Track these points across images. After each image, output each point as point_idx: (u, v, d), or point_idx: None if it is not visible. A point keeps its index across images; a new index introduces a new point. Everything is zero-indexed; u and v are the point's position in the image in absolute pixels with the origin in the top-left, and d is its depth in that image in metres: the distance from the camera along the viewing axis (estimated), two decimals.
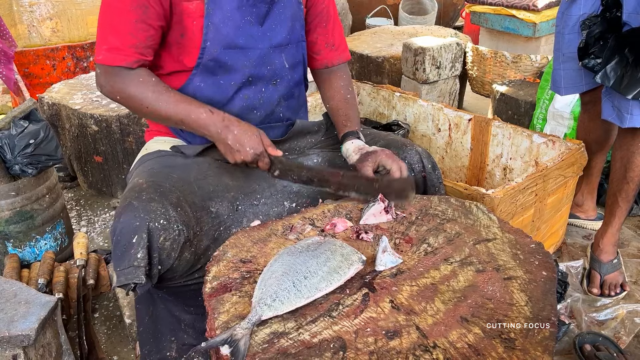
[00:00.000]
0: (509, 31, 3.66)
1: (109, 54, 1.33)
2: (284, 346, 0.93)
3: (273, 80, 1.52)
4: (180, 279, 1.30)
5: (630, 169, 1.85)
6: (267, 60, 1.48)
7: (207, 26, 1.37)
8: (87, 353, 1.73)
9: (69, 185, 2.95)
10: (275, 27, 1.48)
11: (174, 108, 1.36)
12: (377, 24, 5.16)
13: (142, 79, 1.36)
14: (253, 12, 1.43)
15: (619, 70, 1.73)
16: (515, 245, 1.21)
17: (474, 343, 0.93)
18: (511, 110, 2.96)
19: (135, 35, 1.33)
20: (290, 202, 1.49)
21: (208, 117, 1.36)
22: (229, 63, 1.42)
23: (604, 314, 1.87)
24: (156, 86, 1.37)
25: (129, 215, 1.18)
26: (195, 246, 1.29)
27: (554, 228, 2.11)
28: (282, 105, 1.57)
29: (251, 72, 1.46)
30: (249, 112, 1.50)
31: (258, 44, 1.45)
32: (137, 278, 1.14)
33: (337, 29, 1.66)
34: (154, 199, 1.22)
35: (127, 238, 1.16)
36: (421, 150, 1.58)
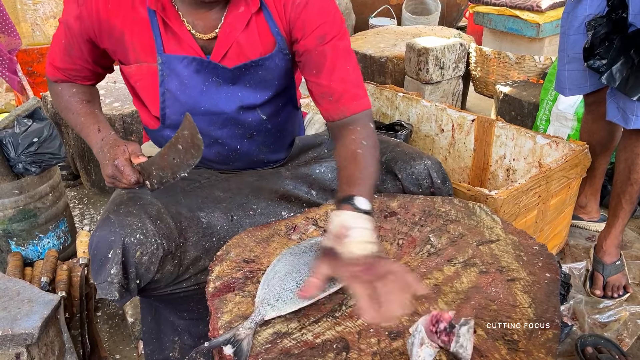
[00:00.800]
0: (513, 32, 3.65)
1: (47, 66, 1.41)
2: (286, 346, 0.93)
3: (247, 135, 1.38)
4: (165, 288, 1.28)
5: (635, 170, 1.84)
6: (236, 121, 1.34)
7: (163, 93, 1.29)
8: (90, 352, 1.73)
9: (72, 183, 2.96)
10: (250, 87, 1.31)
11: (75, 120, 1.35)
12: (380, 24, 5.16)
13: (62, 87, 1.40)
14: (218, 74, 1.27)
15: (625, 71, 1.73)
16: (518, 246, 1.21)
17: (477, 344, 0.93)
18: (514, 111, 2.96)
19: (63, 60, 1.36)
20: (288, 212, 1.42)
21: (93, 136, 1.29)
22: None
23: (606, 315, 1.87)
24: (71, 96, 1.38)
25: (105, 230, 1.18)
26: (179, 258, 1.26)
27: (557, 229, 2.11)
28: (264, 152, 1.45)
29: (218, 135, 1.35)
30: (225, 164, 1.44)
31: (224, 109, 1.31)
32: (111, 294, 1.14)
33: (339, 77, 1.26)
34: (131, 213, 1.20)
35: (102, 252, 1.16)
36: (431, 162, 1.45)
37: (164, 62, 1.25)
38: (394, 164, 1.46)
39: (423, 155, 1.48)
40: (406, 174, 1.45)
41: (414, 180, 1.45)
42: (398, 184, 1.46)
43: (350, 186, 1.11)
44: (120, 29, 1.25)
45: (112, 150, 1.21)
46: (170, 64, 1.25)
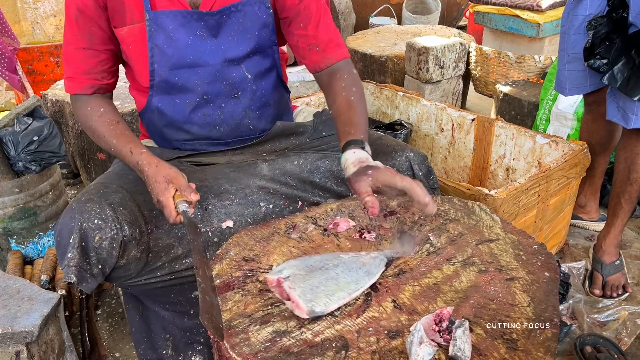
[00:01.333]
0: (513, 31, 3.65)
1: (67, 82, 1.41)
2: (286, 345, 0.94)
3: (233, 94, 1.43)
4: (138, 277, 1.30)
5: (634, 170, 1.85)
6: (221, 75, 1.40)
7: (151, 49, 1.35)
8: (90, 350, 1.73)
9: (72, 182, 2.96)
10: (232, 39, 1.38)
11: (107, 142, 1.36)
12: (380, 23, 5.16)
13: (90, 107, 1.39)
14: (202, 26, 1.35)
15: (626, 71, 1.73)
16: (517, 245, 1.21)
17: (476, 343, 0.93)
18: (514, 110, 2.96)
19: (85, 62, 1.38)
20: (267, 203, 1.42)
21: (128, 159, 1.31)
22: (179, 83, 1.39)
23: (605, 315, 1.87)
24: (101, 117, 1.38)
25: (66, 217, 1.23)
26: (146, 244, 1.28)
27: (557, 229, 2.11)
28: (250, 117, 1.49)
29: (205, 90, 1.40)
30: (210, 128, 1.46)
31: (208, 61, 1.37)
32: (68, 277, 1.18)
33: (323, 28, 1.44)
34: (91, 200, 1.24)
35: (64, 238, 1.21)
36: (413, 155, 1.46)
37: (151, 18, 1.33)
38: (375, 157, 1.43)
39: (406, 147, 1.49)
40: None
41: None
42: None
43: (356, 130, 1.28)
44: None
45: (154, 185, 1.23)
46: (157, 20, 1.33)
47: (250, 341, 0.95)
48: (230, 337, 0.96)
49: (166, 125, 1.47)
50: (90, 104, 1.40)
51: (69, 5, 1.34)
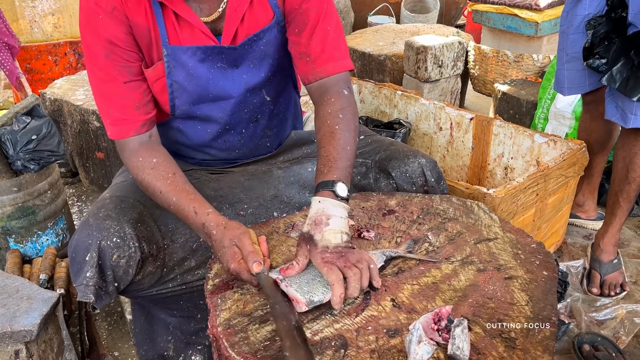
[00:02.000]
0: (511, 30, 3.66)
1: (115, 127, 1.26)
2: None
3: (253, 119, 1.40)
4: (150, 289, 1.29)
5: (632, 169, 1.85)
6: (243, 104, 1.36)
7: (170, 85, 1.28)
8: (89, 349, 1.73)
9: (70, 181, 2.96)
10: (254, 67, 1.33)
11: (166, 199, 1.21)
12: (379, 22, 5.16)
13: (142, 158, 1.25)
14: (223, 59, 1.28)
15: (625, 72, 1.73)
16: (516, 244, 1.21)
17: (475, 342, 0.93)
18: (513, 109, 2.96)
19: (130, 97, 1.25)
20: (279, 213, 1.42)
21: (192, 219, 1.17)
22: (202, 116, 1.35)
23: (603, 314, 1.87)
24: (154, 169, 1.23)
25: (83, 233, 1.18)
26: (162, 260, 1.27)
27: (555, 228, 2.11)
28: (268, 136, 1.47)
29: (227, 120, 1.37)
30: (229, 152, 1.44)
31: (231, 93, 1.32)
32: (86, 297, 1.14)
33: (318, 37, 1.29)
34: (110, 216, 1.20)
35: (80, 256, 1.17)
36: (425, 161, 1.44)
37: (169, 54, 1.26)
38: (388, 162, 1.44)
39: (418, 153, 1.46)
40: (400, 172, 1.43)
41: (408, 179, 1.43)
42: (392, 182, 1.44)
43: (330, 169, 1.15)
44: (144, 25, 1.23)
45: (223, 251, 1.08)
46: (175, 56, 1.26)
47: (250, 340, 0.95)
48: (229, 336, 0.96)
49: (184, 145, 1.45)
50: (141, 154, 1.25)
51: (94, 43, 1.21)
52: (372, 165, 1.47)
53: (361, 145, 1.52)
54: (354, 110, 1.28)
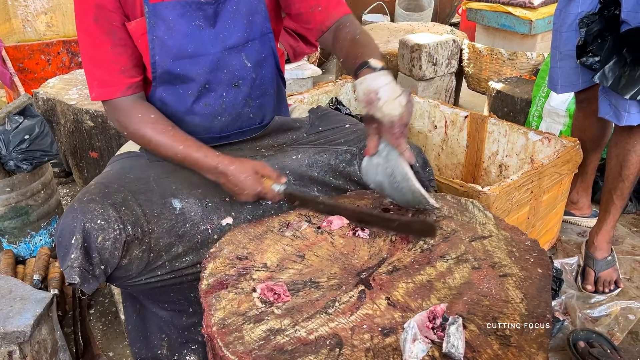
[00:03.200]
0: (505, 28, 3.66)
1: (101, 89, 1.35)
2: (280, 343, 0.94)
3: (234, 83, 1.44)
4: (139, 277, 1.30)
5: (626, 166, 1.86)
6: (222, 64, 1.40)
7: (152, 40, 1.33)
8: (83, 349, 1.73)
9: (64, 181, 2.95)
10: (229, 27, 1.39)
11: (172, 148, 1.34)
12: (373, 21, 5.16)
13: (141, 114, 1.35)
14: (200, 16, 1.35)
15: (617, 70, 1.74)
16: (510, 242, 1.21)
17: (470, 340, 0.94)
18: (507, 107, 2.97)
19: (116, 61, 1.33)
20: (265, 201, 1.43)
21: (203, 163, 1.33)
22: (181, 73, 1.38)
23: (598, 310, 1.88)
24: (155, 123, 1.35)
25: (68, 217, 1.22)
26: (148, 244, 1.29)
27: (549, 225, 2.12)
28: (250, 106, 1.49)
29: (206, 78, 1.40)
30: (212, 119, 1.46)
31: (209, 49, 1.38)
32: (71, 278, 1.17)
33: None
34: (94, 200, 1.23)
35: (66, 239, 1.20)
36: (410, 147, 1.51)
37: (150, 10, 1.31)
38: None
39: None
40: None
41: None
42: None
43: (361, 56, 1.27)
44: None
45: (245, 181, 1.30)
46: (156, 11, 1.32)
47: (244, 339, 0.94)
48: (224, 335, 0.96)
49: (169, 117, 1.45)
50: (139, 110, 1.36)
51: (84, 8, 1.30)
52: (357, 152, 1.50)
53: (346, 133, 1.56)
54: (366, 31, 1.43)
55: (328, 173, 1.49)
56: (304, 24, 1.50)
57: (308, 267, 1.15)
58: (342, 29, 1.44)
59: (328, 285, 1.09)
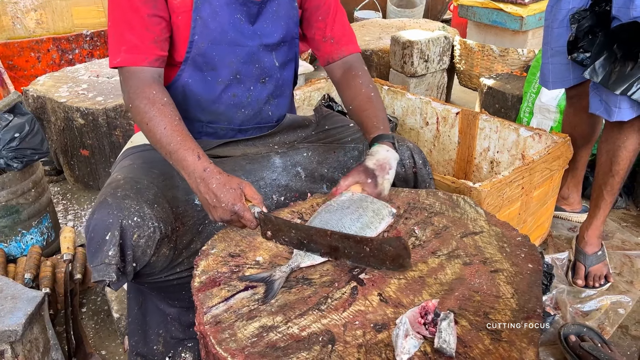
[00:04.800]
0: (497, 24, 3.67)
1: (129, 54, 1.28)
2: (272, 340, 0.94)
3: (262, 79, 1.47)
4: (160, 274, 1.30)
5: (616, 162, 1.87)
6: (255, 58, 1.44)
7: (195, 20, 1.33)
8: (75, 348, 1.72)
9: (55, 179, 2.93)
10: (268, 27, 1.44)
11: (168, 136, 1.23)
12: (365, 17, 5.16)
13: (156, 92, 1.28)
14: (244, 11, 1.39)
15: (608, 66, 1.75)
16: (501, 238, 1.22)
17: (461, 335, 0.94)
18: (498, 103, 2.98)
19: (151, 30, 1.29)
20: (278, 196, 1.48)
21: (192, 162, 1.20)
22: (216, 59, 1.38)
23: (588, 305, 1.90)
24: (165, 106, 1.26)
25: (102, 212, 1.19)
26: (174, 242, 1.29)
27: (540, 221, 2.13)
28: (271, 104, 1.53)
29: (238, 69, 1.42)
30: (236, 110, 1.47)
31: (247, 42, 1.41)
32: (108, 276, 1.15)
33: (339, 22, 1.55)
34: (128, 196, 1.22)
35: (100, 235, 1.17)
36: (412, 145, 1.56)
37: None
38: None
39: (405, 139, 1.59)
40: None
41: (399, 161, 1.48)
42: None
43: (384, 125, 1.41)
44: None
45: (226, 193, 1.16)
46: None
47: (237, 337, 0.95)
48: (216, 333, 0.96)
49: (193, 104, 1.44)
50: (154, 88, 1.28)
51: None
52: (364, 149, 1.56)
53: (352, 132, 1.62)
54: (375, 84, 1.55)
55: (337, 170, 1.54)
56: (314, 48, 1.59)
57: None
58: (355, 76, 1.52)
59: (320, 282, 1.09)
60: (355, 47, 1.56)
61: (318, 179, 1.54)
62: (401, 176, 1.52)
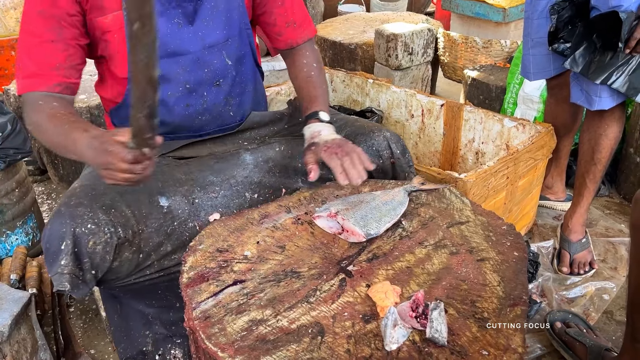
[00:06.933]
0: (480, 16, 3.69)
1: (27, 80, 1.25)
2: (262, 333, 0.94)
3: (215, 82, 1.43)
4: (127, 278, 1.28)
5: (597, 150, 1.90)
6: (202, 63, 1.39)
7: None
8: (64, 347, 1.71)
9: (39, 178, 2.90)
10: (208, 25, 1.38)
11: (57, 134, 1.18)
12: (349, 11, 5.15)
13: (42, 102, 1.24)
14: (179, 13, 1.34)
15: (587, 56, 1.77)
16: (487, 227, 1.23)
17: (449, 323, 0.95)
18: (482, 95, 3.00)
19: (53, 57, 1.25)
20: (252, 193, 1.44)
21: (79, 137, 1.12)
22: (161, 73, 1.31)
23: (573, 292, 1.93)
24: (53, 109, 1.22)
25: (56, 223, 1.17)
26: (137, 245, 1.26)
27: (526, 210, 2.16)
28: (231, 104, 1.49)
29: (186, 78, 1.38)
30: (193, 119, 1.44)
31: (189, 48, 1.36)
32: (62, 285, 1.13)
33: (297, 6, 1.54)
34: (82, 204, 1.19)
35: (55, 245, 1.16)
36: (389, 134, 1.52)
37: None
38: (354, 137, 1.49)
39: (382, 128, 1.55)
40: (366, 147, 1.48)
41: (375, 152, 1.49)
42: None
43: (313, 104, 1.45)
44: None
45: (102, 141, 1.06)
46: None
47: (227, 331, 0.95)
48: (205, 328, 0.96)
49: None
50: (43, 100, 1.24)
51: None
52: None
53: None
54: (321, 60, 1.61)
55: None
56: (274, 34, 1.56)
57: (289, 258, 1.15)
58: (301, 55, 1.55)
59: (309, 275, 1.10)
60: (313, 30, 1.58)
61: (292, 173, 1.50)
62: (379, 167, 1.49)
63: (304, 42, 1.56)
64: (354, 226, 1.18)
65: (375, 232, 1.19)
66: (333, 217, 1.22)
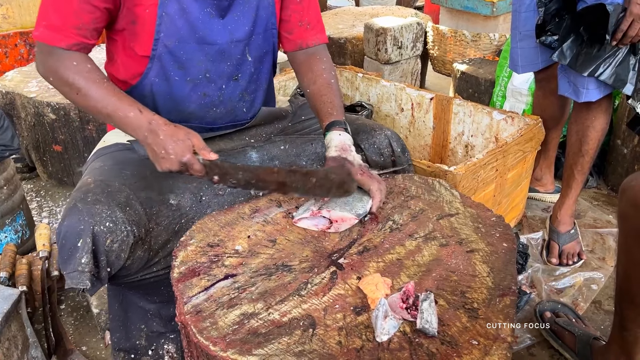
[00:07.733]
0: (468, 10, 3.70)
1: (48, 31, 1.24)
2: (254, 326, 0.95)
3: (234, 76, 1.44)
4: (136, 274, 1.29)
5: (585, 142, 1.91)
6: (226, 55, 1.40)
7: (160, 16, 1.28)
8: (55, 344, 1.70)
9: (27, 176, 2.87)
10: (238, 20, 1.39)
11: (102, 100, 1.23)
12: (338, 5, 5.15)
13: (77, 62, 1.25)
14: (214, 4, 1.34)
15: (575, 48, 1.78)
16: (477, 219, 1.25)
17: (440, 314, 0.96)
18: (472, 88, 3.01)
19: (79, 16, 1.24)
20: (257, 191, 1.44)
21: (135, 117, 1.22)
22: (184, 57, 1.35)
23: (562, 282, 1.95)
24: (90, 73, 1.25)
25: (73, 219, 1.16)
26: (149, 243, 1.27)
27: (515, 202, 2.17)
28: (245, 100, 1.50)
29: (208, 67, 1.39)
30: (207, 109, 1.44)
31: (217, 39, 1.37)
32: (82, 283, 1.13)
33: (314, 8, 1.54)
34: (99, 201, 1.18)
35: (72, 242, 1.14)
36: (390, 133, 1.55)
37: None
38: (356, 135, 1.51)
39: (382, 127, 1.58)
40: (368, 144, 1.52)
41: (376, 150, 1.52)
42: (361, 154, 1.50)
43: (337, 111, 1.43)
44: None
45: (175, 144, 1.18)
46: None
47: (218, 325, 0.95)
48: (197, 322, 0.96)
49: (161, 104, 1.41)
50: (74, 59, 1.25)
51: None
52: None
53: None
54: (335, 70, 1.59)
55: (315, 161, 1.53)
56: (284, 31, 1.53)
57: (280, 252, 1.16)
58: (318, 60, 1.52)
59: (300, 268, 1.10)
60: (325, 37, 1.57)
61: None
62: (380, 165, 1.52)
63: (316, 46, 1.54)
64: (343, 212, 1.21)
65: (364, 211, 1.24)
66: (317, 214, 1.22)
